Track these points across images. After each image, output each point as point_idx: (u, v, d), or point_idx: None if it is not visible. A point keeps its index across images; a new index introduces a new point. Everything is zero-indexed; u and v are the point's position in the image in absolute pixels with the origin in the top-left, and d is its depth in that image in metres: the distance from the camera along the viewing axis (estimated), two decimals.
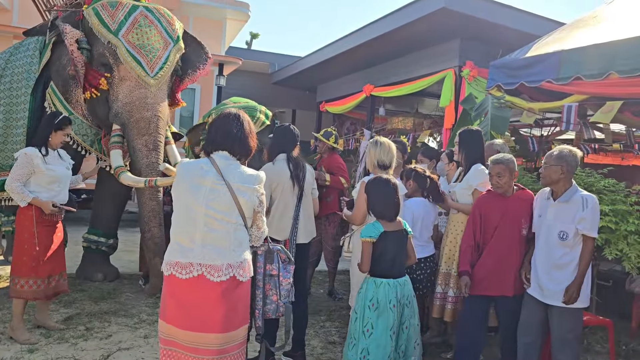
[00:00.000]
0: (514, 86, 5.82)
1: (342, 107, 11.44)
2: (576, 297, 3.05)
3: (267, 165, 3.54)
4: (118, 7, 4.53)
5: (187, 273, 2.25)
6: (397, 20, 7.97)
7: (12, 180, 3.68)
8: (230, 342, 2.31)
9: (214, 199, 2.28)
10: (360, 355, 3.00)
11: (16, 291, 3.75)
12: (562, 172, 3.13)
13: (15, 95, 4.91)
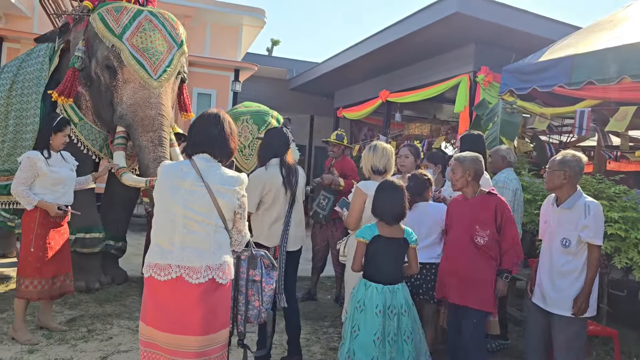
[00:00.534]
0: (526, 91, 5.75)
1: (359, 112, 11.42)
2: (585, 308, 2.97)
3: (259, 170, 3.50)
4: (123, 12, 4.60)
5: (166, 275, 2.23)
6: (410, 26, 7.92)
7: (17, 184, 3.75)
8: (211, 345, 2.27)
9: (193, 201, 2.27)
10: (345, 355, 3.02)
11: (21, 291, 3.81)
12: (564, 177, 3.06)
13: (26, 101, 5.03)
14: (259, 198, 3.46)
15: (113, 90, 4.58)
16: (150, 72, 4.47)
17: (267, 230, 3.48)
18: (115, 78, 4.55)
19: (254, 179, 3.41)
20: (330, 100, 13.54)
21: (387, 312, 3.00)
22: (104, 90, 4.64)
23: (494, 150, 4.43)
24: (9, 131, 5.09)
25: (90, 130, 4.95)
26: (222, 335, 2.34)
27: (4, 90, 5.31)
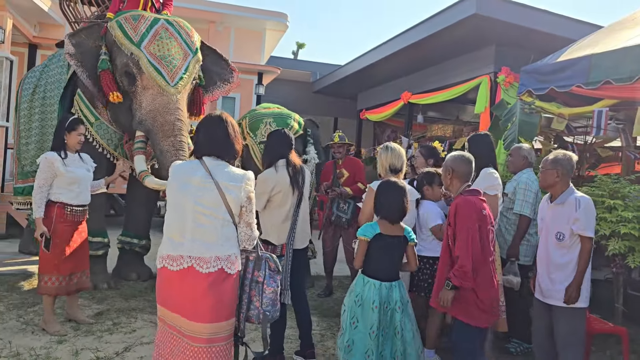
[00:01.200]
0: (544, 91, 5.75)
1: (381, 114, 11.48)
2: (576, 297, 3.08)
3: (269, 171, 3.61)
4: (140, 20, 4.76)
5: (178, 265, 2.38)
6: (430, 28, 7.97)
7: (37, 187, 3.92)
8: (219, 333, 2.41)
9: (202, 196, 2.41)
10: (345, 344, 3.16)
11: (41, 287, 4.02)
12: (557, 175, 3.21)
13: (49, 103, 5.27)
14: (267, 197, 3.58)
15: (132, 96, 4.74)
16: (168, 79, 4.61)
17: (276, 228, 3.61)
18: (134, 84, 4.70)
19: (264, 180, 3.56)
20: (353, 102, 13.64)
21: (382, 307, 3.12)
22: (123, 96, 4.79)
23: (515, 149, 4.41)
24: (33, 134, 5.34)
25: (106, 130, 5.12)
26: (229, 324, 2.47)
27: (28, 95, 5.57)
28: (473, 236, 2.92)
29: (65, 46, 4.77)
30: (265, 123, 5.52)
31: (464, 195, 3.09)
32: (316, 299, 5.51)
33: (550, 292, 3.21)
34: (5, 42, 7.57)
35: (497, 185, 3.74)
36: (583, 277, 3.09)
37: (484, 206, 3.05)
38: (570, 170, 3.25)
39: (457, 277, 2.93)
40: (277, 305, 2.65)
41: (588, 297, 3.19)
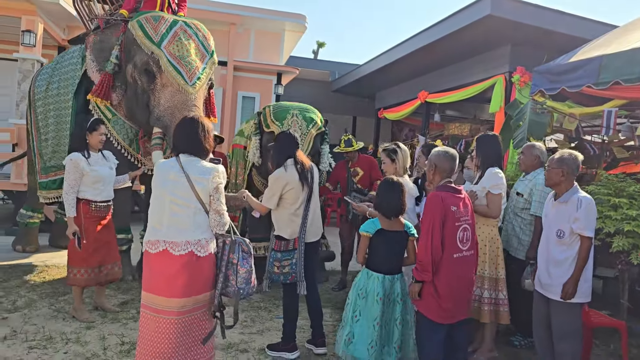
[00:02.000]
0: (556, 91, 5.84)
1: (399, 113, 11.62)
2: (572, 293, 3.20)
3: (279, 171, 3.82)
4: (160, 21, 4.94)
5: (155, 248, 2.77)
6: (446, 28, 8.09)
7: (68, 188, 4.16)
8: (190, 305, 2.76)
9: (176, 188, 2.78)
10: (346, 337, 3.34)
11: (70, 279, 4.29)
12: (562, 174, 3.31)
13: (63, 100, 5.47)
14: (279, 196, 3.78)
15: (150, 94, 4.91)
16: (187, 79, 4.78)
17: (287, 224, 3.80)
18: (153, 82, 4.87)
19: (276, 179, 3.78)
20: (371, 101, 13.79)
21: (386, 299, 3.31)
22: (140, 93, 4.97)
23: (527, 148, 4.41)
24: (50, 130, 5.56)
25: (122, 126, 5.30)
26: (201, 298, 2.81)
27: (41, 92, 5.77)
28: (434, 231, 3.03)
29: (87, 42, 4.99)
30: (292, 114, 5.58)
31: (437, 190, 3.20)
32: (330, 292, 5.71)
33: (548, 286, 3.35)
34: (36, 45, 7.94)
35: (501, 185, 3.86)
36: (580, 274, 3.20)
37: (457, 202, 3.13)
38: (576, 170, 3.34)
39: (417, 271, 3.10)
40: (251, 283, 2.93)
41: (588, 293, 3.29)
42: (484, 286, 3.92)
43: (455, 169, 3.35)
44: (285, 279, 3.76)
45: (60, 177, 5.47)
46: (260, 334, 4.27)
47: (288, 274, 3.75)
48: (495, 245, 3.95)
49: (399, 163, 4.23)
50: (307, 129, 5.47)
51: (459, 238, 3.12)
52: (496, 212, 3.87)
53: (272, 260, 3.82)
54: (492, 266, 3.93)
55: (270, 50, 10.77)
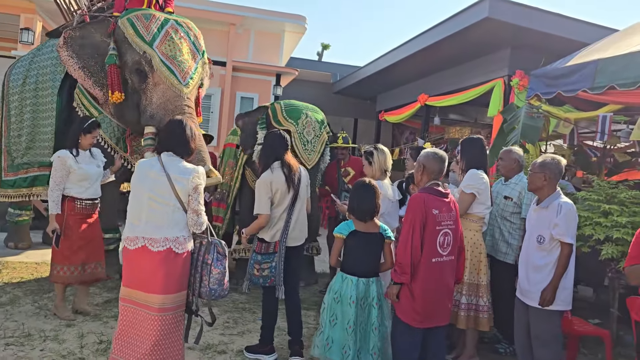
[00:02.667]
0: (552, 95, 5.78)
1: (399, 116, 11.55)
2: (550, 300, 3.14)
3: (266, 173, 3.74)
4: (152, 20, 4.85)
5: (134, 244, 2.82)
6: (444, 31, 8.03)
7: (54, 185, 4.14)
8: (167, 304, 2.80)
9: (156, 186, 2.83)
10: (324, 342, 3.27)
11: (53, 276, 4.25)
12: (544, 179, 3.26)
13: (42, 95, 5.35)
14: (270, 199, 3.69)
15: (141, 93, 4.83)
16: (180, 79, 4.72)
17: (269, 226, 3.72)
18: (145, 82, 4.78)
19: (263, 182, 3.70)
20: (373, 103, 13.74)
21: (359, 303, 3.24)
22: (131, 92, 4.88)
23: (506, 152, 4.33)
24: (25, 125, 5.44)
25: (109, 124, 5.19)
26: (179, 296, 2.87)
27: (17, 86, 5.62)
28: (414, 233, 2.96)
29: (63, 37, 4.83)
30: (305, 114, 5.47)
31: (420, 191, 3.13)
32: (318, 295, 5.66)
33: (527, 292, 3.29)
34: (35, 43, 7.96)
35: (475, 186, 3.78)
36: (559, 280, 3.14)
37: (439, 206, 3.05)
38: (558, 175, 3.29)
39: (396, 273, 3.04)
40: (224, 285, 2.97)
41: (568, 301, 3.23)
42: (462, 292, 3.85)
43: (444, 170, 3.27)
44: (265, 281, 3.70)
45: (33, 175, 5.44)
46: (240, 336, 4.23)
47: (267, 277, 3.69)
48: (477, 250, 3.88)
49: (375, 165, 4.16)
50: (320, 131, 5.40)
51: (439, 242, 3.05)
52: (460, 211, 3.76)
53: (252, 262, 3.75)
54: (474, 272, 3.86)
55: (269, 51, 10.75)
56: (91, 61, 4.94)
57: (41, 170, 5.46)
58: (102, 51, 4.92)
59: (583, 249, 4.29)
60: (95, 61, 4.94)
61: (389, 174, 4.29)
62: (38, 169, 5.50)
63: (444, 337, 3.24)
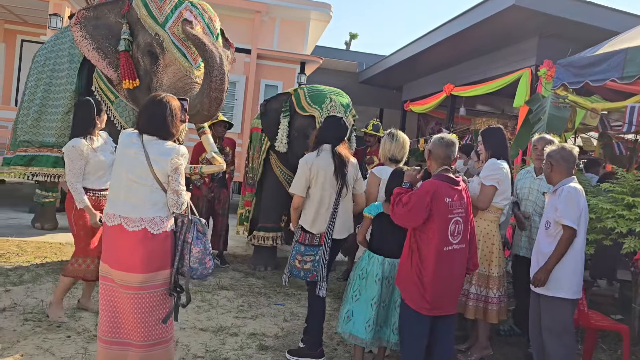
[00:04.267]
0: (579, 85, 5.62)
1: (424, 106, 11.42)
2: (542, 281, 3.16)
3: (309, 155, 3.56)
4: (165, 1, 4.75)
5: (112, 221, 2.77)
6: (470, 19, 7.90)
7: (73, 177, 3.75)
8: (148, 282, 2.75)
9: (134, 166, 2.76)
10: (345, 314, 3.39)
11: (68, 270, 3.87)
12: (550, 167, 3.31)
13: (57, 76, 5.39)
14: (307, 182, 3.53)
15: (152, 75, 4.79)
16: (191, 61, 4.67)
17: (313, 216, 3.53)
18: (156, 64, 4.75)
19: (303, 163, 3.55)
20: (398, 93, 13.62)
21: (384, 281, 3.33)
22: (143, 74, 4.86)
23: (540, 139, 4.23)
24: (35, 104, 5.50)
25: (124, 108, 5.19)
26: (161, 274, 2.79)
27: (38, 67, 5.71)
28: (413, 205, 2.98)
29: (76, 17, 4.83)
30: (330, 99, 5.45)
31: (433, 178, 3.11)
32: (335, 282, 5.66)
33: None
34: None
35: (496, 176, 3.71)
36: (554, 263, 3.13)
37: (451, 194, 3.03)
38: (564, 162, 3.28)
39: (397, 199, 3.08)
40: (206, 264, 2.89)
41: (576, 290, 3.18)
42: (471, 282, 3.80)
43: (451, 156, 3.23)
44: (306, 275, 3.52)
45: (32, 154, 5.48)
46: (253, 319, 4.27)
47: (309, 271, 3.49)
48: (490, 241, 3.81)
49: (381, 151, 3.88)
50: (344, 114, 5.32)
51: (450, 231, 3.02)
52: (484, 204, 3.73)
53: (294, 252, 3.57)
54: (485, 263, 3.79)
55: (294, 39, 10.72)
56: (105, 42, 4.94)
57: (41, 150, 5.52)
58: (116, 32, 4.91)
59: (605, 242, 4.19)
60: (110, 42, 4.93)
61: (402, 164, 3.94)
62: (38, 149, 5.55)
63: (452, 326, 3.21)
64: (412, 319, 3.04)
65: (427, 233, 3.00)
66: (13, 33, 10.52)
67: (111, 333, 2.82)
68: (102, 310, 2.84)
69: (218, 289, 4.99)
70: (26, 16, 9.97)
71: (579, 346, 3.90)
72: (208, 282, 5.14)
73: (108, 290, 2.82)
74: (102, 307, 2.84)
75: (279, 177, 5.92)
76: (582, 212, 3.18)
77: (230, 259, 6.22)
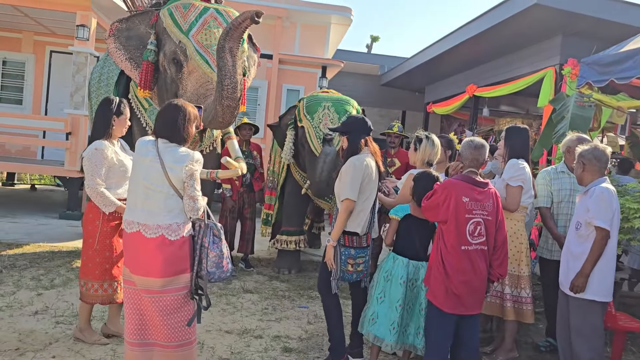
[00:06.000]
0: (604, 83, 5.54)
1: (447, 107, 11.36)
2: (581, 287, 3.10)
3: (361, 156, 3.48)
4: (190, 9, 4.81)
5: (130, 228, 2.84)
6: (492, 19, 7.85)
7: (94, 182, 3.44)
8: (167, 286, 2.81)
9: (149, 173, 2.82)
10: (370, 317, 3.42)
11: (88, 295, 3.56)
12: (582, 167, 3.25)
13: (109, 90, 5.59)
14: (359, 185, 3.41)
15: (178, 83, 4.85)
16: (213, 67, 4.61)
17: (361, 218, 3.47)
18: (181, 71, 4.79)
19: (358, 164, 3.41)
20: (421, 95, 13.58)
21: (408, 284, 3.35)
22: (170, 82, 4.92)
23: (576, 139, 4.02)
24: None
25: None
26: (182, 278, 2.85)
27: (95, 82, 5.95)
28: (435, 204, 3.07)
29: (110, 29, 4.98)
30: (323, 107, 5.51)
31: (454, 178, 3.17)
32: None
33: (566, 281, 3.23)
34: (90, 39, 8.31)
35: (521, 177, 3.71)
36: (590, 267, 3.07)
37: (471, 194, 3.03)
38: (597, 162, 3.21)
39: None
40: (223, 267, 2.94)
41: (607, 292, 3.14)
42: (505, 282, 3.78)
43: (480, 159, 3.27)
44: (358, 276, 3.55)
45: None
46: (277, 322, 4.31)
47: (361, 272, 3.53)
48: (518, 240, 3.80)
49: (419, 155, 3.84)
50: (339, 122, 5.34)
51: (469, 230, 3.02)
52: (514, 206, 3.72)
53: (344, 258, 3.44)
54: (514, 262, 3.78)
55: (315, 44, 10.79)
56: (136, 52, 5.05)
57: None
58: (146, 43, 5.01)
59: (633, 242, 4.11)
60: (140, 52, 5.03)
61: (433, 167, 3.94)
62: None
63: (477, 328, 3.19)
64: (437, 318, 3.06)
65: (447, 231, 3.04)
66: (42, 44, 10.81)
67: (137, 335, 2.90)
68: (127, 312, 2.92)
69: (243, 292, 5.05)
70: (55, 27, 10.23)
71: (607, 349, 3.84)
72: (233, 285, 5.22)
73: (132, 293, 2.90)
74: (127, 309, 2.92)
75: (300, 182, 5.98)
76: (615, 214, 3.14)
77: (254, 262, 6.29)
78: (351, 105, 5.68)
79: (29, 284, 4.72)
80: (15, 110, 10.52)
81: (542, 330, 4.52)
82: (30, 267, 5.28)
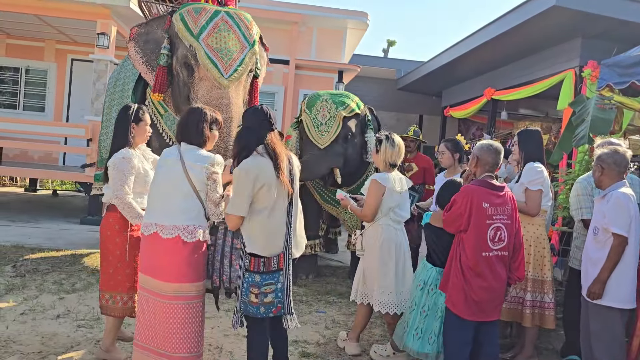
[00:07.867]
0: (625, 85, 5.45)
1: (465, 111, 11.29)
2: (597, 293, 3.06)
3: (245, 162, 2.80)
4: (202, 13, 4.83)
5: (148, 230, 2.87)
6: (510, 22, 7.78)
7: (123, 191, 3.25)
8: (182, 293, 2.82)
9: (171, 174, 2.88)
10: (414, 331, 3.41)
11: (112, 309, 3.39)
12: (600, 171, 3.21)
13: (125, 96, 5.67)
14: (250, 198, 2.76)
15: (190, 87, 4.85)
16: (222, 72, 4.65)
17: (266, 236, 2.81)
18: (192, 76, 4.79)
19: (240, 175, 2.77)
20: (438, 99, 13.51)
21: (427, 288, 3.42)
22: (182, 86, 4.94)
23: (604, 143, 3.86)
24: (110, 123, 5.73)
25: (173, 122, 5.23)
26: (195, 287, 2.86)
27: (111, 87, 6.06)
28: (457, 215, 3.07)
29: (130, 33, 5.06)
30: (322, 100, 5.52)
31: (473, 184, 3.14)
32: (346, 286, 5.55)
33: (586, 287, 3.18)
34: (110, 47, 8.46)
35: (540, 180, 3.68)
36: (608, 273, 3.03)
37: (490, 199, 3.03)
38: (616, 166, 3.17)
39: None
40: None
41: (629, 299, 3.09)
42: (527, 288, 3.75)
43: (499, 163, 3.26)
44: (268, 311, 2.79)
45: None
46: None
47: (271, 304, 2.78)
48: (541, 245, 3.76)
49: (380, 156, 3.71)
50: (335, 112, 5.39)
51: (489, 236, 3.01)
52: (534, 210, 3.68)
53: (246, 285, 2.80)
54: (537, 267, 3.75)
55: (332, 49, 10.82)
56: (152, 56, 5.10)
57: None
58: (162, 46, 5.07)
59: None
60: (156, 56, 5.07)
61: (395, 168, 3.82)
62: None
63: (496, 334, 3.17)
64: (456, 325, 3.04)
65: (467, 238, 3.02)
66: (64, 53, 11.03)
67: (147, 341, 2.92)
68: (140, 317, 2.95)
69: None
70: (76, 36, 10.42)
71: None
72: None
73: (146, 300, 2.91)
74: (140, 315, 2.95)
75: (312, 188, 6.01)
76: (633, 219, 3.07)
77: None
78: (351, 99, 5.66)
79: (51, 288, 4.80)
80: (38, 117, 10.76)
81: (562, 336, 4.45)
82: (52, 271, 5.37)
